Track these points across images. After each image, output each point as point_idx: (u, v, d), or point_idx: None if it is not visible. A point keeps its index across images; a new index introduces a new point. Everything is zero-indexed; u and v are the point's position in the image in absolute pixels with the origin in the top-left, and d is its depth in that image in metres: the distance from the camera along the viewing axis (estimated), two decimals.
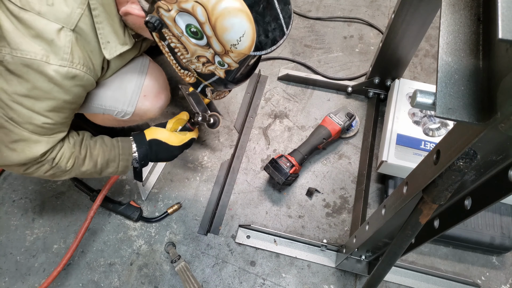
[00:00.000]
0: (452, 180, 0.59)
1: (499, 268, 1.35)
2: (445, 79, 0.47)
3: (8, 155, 0.93)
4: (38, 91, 0.87)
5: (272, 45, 0.87)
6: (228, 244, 1.38)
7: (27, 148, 0.92)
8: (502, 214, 1.30)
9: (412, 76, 1.78)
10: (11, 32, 0.81)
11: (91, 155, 1.05)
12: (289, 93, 1.73)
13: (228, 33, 0.81)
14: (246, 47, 0.84)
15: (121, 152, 1.09)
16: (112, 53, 0.95)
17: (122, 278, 1.32)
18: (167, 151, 1.16)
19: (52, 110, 0.91)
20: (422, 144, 1.33)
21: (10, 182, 1.50)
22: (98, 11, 0.89)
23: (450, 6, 0.52)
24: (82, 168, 1.04)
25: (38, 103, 0.88)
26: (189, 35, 0.85)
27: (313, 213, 1.45)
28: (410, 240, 0.74)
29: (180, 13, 0.82)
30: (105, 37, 0.93)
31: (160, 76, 1.17)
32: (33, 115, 0.89)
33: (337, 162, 1.55)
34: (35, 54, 0.83)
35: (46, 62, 0.84)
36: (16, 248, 1.37)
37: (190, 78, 1.00)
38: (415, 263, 1.36)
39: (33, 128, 0.91)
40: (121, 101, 1.07)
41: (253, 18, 0.80)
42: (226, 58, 0.88)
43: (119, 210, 1.40)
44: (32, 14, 0.81)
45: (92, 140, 1.07)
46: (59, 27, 0.84)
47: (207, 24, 0.81)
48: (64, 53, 0.85)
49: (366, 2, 2.02)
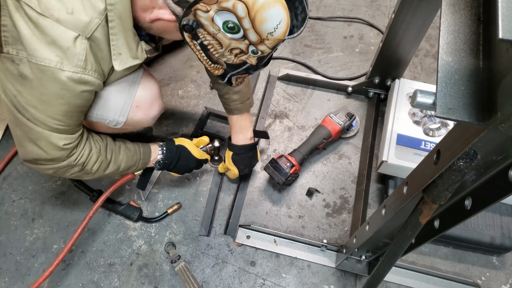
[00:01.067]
0: (452, 180, 0.58)
1: (499, 268, 1.35)
2: (445, 79, 0.47)
3: (34, 150, 0.97)
4: (51, 96, 0.89)
5: (301, 26, 0.90)
6: (228, 244, 1.38)
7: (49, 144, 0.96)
8: (502, 214, 1.30)
9: (412, 76, 1.78)
10: (28, 37, 0.82)
11: (115, 160, 1.12)
12: (289, 93, 1.73)
13: (267, 23, 0.83)
14: (282, 33, 0.86)
15: (142, 157, 1.20)
16: (122, 65, 0.96)
17: (122, 278, 1.32)
18: (187, 160, 1.29)
19: (65, 114, 0.93)
20: (422, 144, 1.33)
21: (10, 182, 1.50)
22: (115, 23, 0.90)
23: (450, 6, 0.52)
24: (106, 171, 1.11)
25: (50, 107, 0.90)
26: (226, 30, 0.86)
27: (313, 213, 1.45)
28: (410, 240, 0.74)
29: (219, 12, 0.83)
30: (118, 48, 0.94)
31: (153, 86, 1.17)
32: (47, 118, 0.92)
33: (337, 162, 1.55)
34: (50, 61, 0.84)
35: (60, 69, 0.85)
36: (16, 248, 1.37)
37: (218, 71, 1.02)
38: (415, 263, 1.36)
39: (50, 128, 0.94)
40: (113, 111, 1.07)
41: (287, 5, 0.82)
42: (261, 46, 0.90)
43: (119, 210, 1.40)
44: (51, 21, 0.82)
45: (116, 145, 1.14)
46: (76, 35, 0.85)
47: (246, 18, 0.82)
48: (79, 61, 0.87)
49: (366, 2, 2.02)
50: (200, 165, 1.35)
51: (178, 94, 1.70)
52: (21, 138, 0.96)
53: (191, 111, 1.66)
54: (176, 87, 1.72)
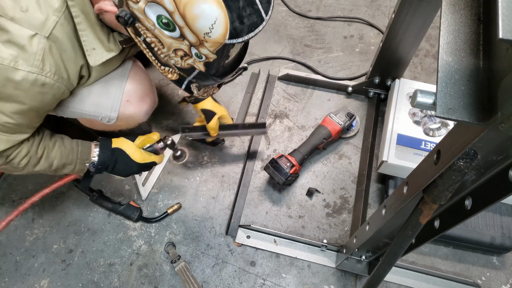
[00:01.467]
0: (452, 180, 0.58)
1: (499, 268, 1.35)
2: (445, 79, 0.47)
3: None
4: (3, 94, 0.86)
5: (249, 32, 0.82)
6: (228, 244, 1.38)
7: None
8: (503, 214, 1.30)
9: (412, 76, 1.78)
10: None
11: (47, 156, 1.03)
12: (289, 93, 1.73)
13: (199, 20, 0.78)
14: (220, 35, 0.79)
15: (79, 156, 1.08)
16: (97, 60, 0.94)
17: (122, 278, 1.32)
18: (126, 165, 1.14)
19: (17, 113, 0.90)
20: (423, 144, 1.33)
21: (10, 182, 1.50)
22: (80, 19, 0.88)
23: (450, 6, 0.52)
24: (36, 167, 1.03)
25: (2, 103, 0.87)
26: (161, 27, 0.82)
27: (313, 213, 1.44)
28: (410, 240, 0.74)
29: (148, 3, 0.79)
30: (90, 44, 0.91)
31: (144, 79, 1.14)
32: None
33: (337, 162, 1.55)
34: (3, 59, 0.82)
35: (14, 68, 0.83)
36: (16, 248, 1.37)
37: (172, 75, 0.96)
38: (415, 263, 1.35)
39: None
40: (103, 107, 1.05)
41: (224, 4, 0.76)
42: (202, 49, 0.85)
43: (119, 210, 1.40)
44: (5, 20, 0.80)
45: (51, 140, 1.05)
46: (32, 33, 0.83)
47: (176, 13, 0.78)
48: (35, 60, 0.84)
49: (366, 2, 2.02)
50: (144, 169, 1.19)
51: (178, 94, 1.70)
52: None
53: (191, 111, 1.66)
54: (176, 87, 1.72)
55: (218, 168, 1.53)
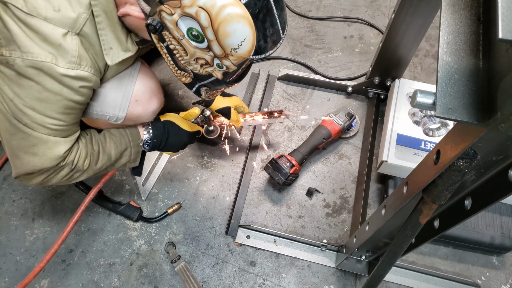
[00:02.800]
0: (452, 180, 0.58)
1: (499, 268, 1.35)
2: (445, 79, 0.47)
3: (30, 161, 0.94)
4: (49, 93, 0.88)
5: (270, 49, 0.90)
6: (228, 244, 1.38)
7: (48, 150, 0.94)
8: (502, 214, 1.30)
9: (412, 76, 1.78)
10: (20, 36, 0.82)
11: (104, 149, 1.08)
12: (289, 93, 1.73)
13: (230, 38, 0.83)
14: (246, 51, 0.86)
15: (131, 138, 1.13)
16: (114, 59, 0.96)
17: (122, 278, 1.32)
18: (178, 135, 1.23)
19: (63, 112, 0.93)
20: (422, 144, 1.33)
21: (10, 182, 1.49)
22: (101, 18, 0.90)
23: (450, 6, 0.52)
24: (98, 164, 1.07)
25: (49, 106, 0.90)
26: (190, 38, 0.86)
27: (313, 213, 1.45)
28: (410, 240, 0.74)
29: (182, 17, 0.83)
30: (108, 43, 0.94)
31: (151, 79, 1.16)
32: (46, 119, 0.91)
33: (337, 162, 1.55)
34: (45, 57, 0.84)
35: (55, 65, 0.85)
36: (16, 248, 1.37)
37: (186, 79, 1.01)
38: (415, 263, 1.36)
39: (48, 132, 0.93)
40: (112, 106, 1.07)
41: (254, 24, 0.82)
42: (225, 61, 0.90)
43: (119, 210, 1.40)
44: (39, 20, 0.83)
45: (101, 135, 1.10)
46: (64, 31, 0.85)
47: (209, 28, 0.82)
48: (72, 56, 0.87)
49: (366, 2, 2.02)
50: (193, 138, 1.29)
51: (178, 94, 1.70)
52: (16, 149, 0.94)
53: None
54: (176, 87, 1.72)
55: (218, 168, 1.53)
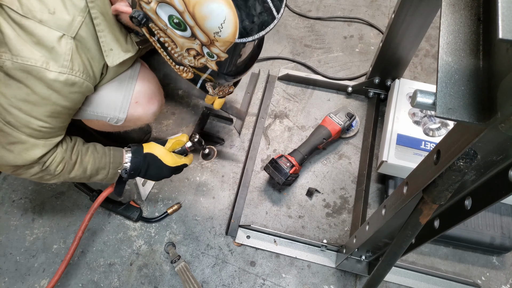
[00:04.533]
0: (452, 180, 0.58)
1: (499, 268, 1.35)
2: (445, 79, 0.47)
3: (5, 156, 0.93)
4: (37, 96, 0.87)
5: (260, 30, 0.82)
6: (228, 244, 1.38)
7: (24, 151, 0.93)
8: (502, 214, 1.30)
9: (412, 76, 1.78)
10: (12, 38, 0.82)
11: (81, 161, 1.04)
12: (289, 93, 1.73)
13: (208, 20, 0.79)
14: (229, 34, 0.80)
15: (112, 160, 1.08)
16: (114, 60, 0.96)
17: (122, 278, 1.32)
18: (158, 169, 1.13)
19: (50, 115, 0.92)
20: (422, 144, 1.33)
21: (10, 182, 1.49)
22: (99, 20, 0.90)
23: (450, 6, 0.52)
24: (71, 174, 1.03)
25: (36, 108, 0.89)
26: (173, 26, 0.84)
27: (313, 213, 1.45)
28: (410, 240, 0.74)
29: (160, 4, 0.81)
30: (108, 44, 0.93)
31: (151, 81, 1.16)
32: (31, 119, 0.89)
33: (337, 162, 1.55)
34: (36, 61, 0.84)
35: (46, 69, 0.85)
36: (16, 248, 1.37)
37: (187, 74, 0.99)
38: (415, 263, 1.36)
39: (30, 132, 0.91)
40: (112, 108, 1.07)
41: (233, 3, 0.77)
42: (213, 48, 0.86)
43: (119, 210, 1.40)
44: (34, 22, 0.82)
45: (84, 146, 1.06)
46: (60, 34, 0.85)
47: (186, 13, 0.80)
48: (64, 60, 0.86)
49: (366, 2, 2.02)
50: (176, 171, 1.19)
51: (178, 94, 1.70)
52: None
53: (191, 111, 1.66)
54: (176, 87, 1.72)
55: (218, 168, 1.53)
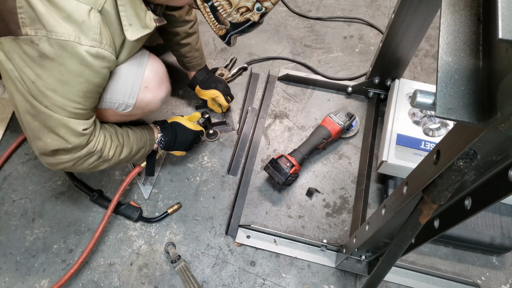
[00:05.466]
0: (452, 180, 0.58)
1: (499, 268, 1.35)
2: (445, 79, 0.47)
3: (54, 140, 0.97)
4: (71, 74, 0.89)
5: None
6: (228, 244, 1.38)
7: (69, 131, 0.96)
8: (502, 214, 1.30)
9: (412, 76, 1.78)
10: (45, 14, 0.83)
11: (127, 142, 1.15)
12: (289, 93, 1.73)
13: None
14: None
15: (149, 137, 1.24)
16: (134, 35, 0.98)
17: (122, 278, 1.32)
18: (185, 133, 1.33)
19: (84, 95, 0.94)
20: (422, 144, 1.33)
21: (10, 182, 1.50)
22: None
23: (450, 6, 0.52)
24: (121, 156, 1.14)
25: (70, 88, 0.91)
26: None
27: (313, 213, 1.45)
28: (410, 240, 0.74)
29: None
30: (128, 19, 0.95)
31: (160, 67, 1.18)
32: (66, 101, 0.92)
33: (337, 162, 1.55)
34: (69, 35, 0.85)
35: (78, 43, 0.86)
36: (16, 248, 1.37)
37: (221, 31, 1.07)
38: (415, 263, 1.36)
39: (68, 114, 0.94)
40: (122, 93, 1.07)
41: None
42: (266, 3, 0.95)
43: (119, 210, 1.40)
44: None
45: (123, 129, 1.17)
46: (88, 8, 0.86)
47: None
48: (94, 34, 0.88)
49: (366, 2, 2.02)
50: (198, 138, 1.40)
51: (178, 94, 1.70)
52: (38, 130, 0.96)
53: (191, 111, 1.66)
54: (176, 87, 1.72)
55: (218, 168, 1.53)
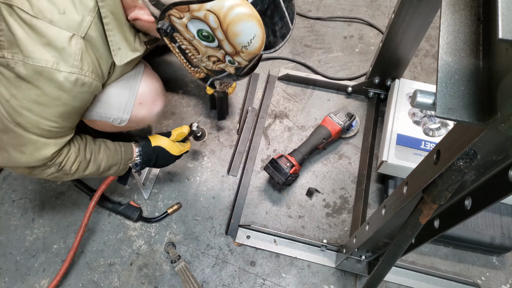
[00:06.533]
0: (452, 180, 0.58)
1: (499, 268, 1.35)
2: (445, 79, 0.47)
3: (17, 157, 0.94)
4: (47, 97, 0.88)
5: (280, 42, 0.91)
6: (228, 244, 1.38)
7: (36, 151, 0.94)
8: (502, 214, 1.30)
9: (412, 76, 1.78)
10: (24, 39, 0.82)
11: (95, 159, 1.08)
12: (289, 93, 1.73)
13: (240, 37, 0.84)
14: (256, 47, 0.87)
15: (123, 157, 1.15)
16: (122, 59, 0.97)
17: (122, 278, 1.32)
18: (166, 159, 1.25)
19: (60, 116, 0.93)
20: (422, 144, 1.33)
21: (10, 182, 1.49)
22: (109, 19, 0.91)
23: (450, 6, 0.52)
24: (86, 171, 1.07)
25: (46, 109, 0.90)
26: (201, 38, 0.88)
27: (313, 213, 1.45)
28: (410, 240, 0.74)
29: (191, 20, 0.85)
30: (116, 44, 0.94)
31: (155, 81, 1.17)
32: (41, 120, 0.90)
33: (337, 162, 1.55)
34: (46, 62, 0.84)
35: (57, 70, 0.85)
36: (16, 248, 1.37)
37: (199, 74, 1.05)
38: (415, 263, 1.36)
39: (40, 132, 0.92)
40: (116, 109, 1.07)
41: (263, 21, 0.83)
42: (237, 58, 0.92)
43: (119, 210, 1.40)
44: (44, 23, 0.83)
45: (95, 144, 1.10)
46: (70, 34, 0.86)
47: (218, 29, 0.84)
48: (74, 60, 0.87)
49: (366, 2, 2.02)
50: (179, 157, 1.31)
51: (178, 94, 1.70)
52: (6, 143, 0.94)
53: (191, 111, 1.66)
54: (176, 87, 1.72)
55: (218, 168, 1.53)
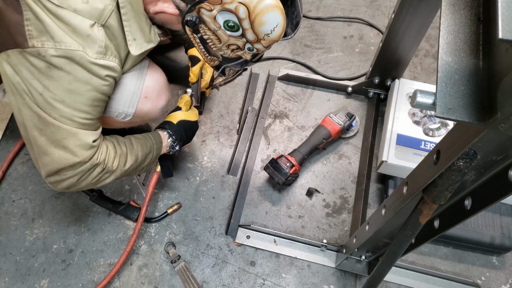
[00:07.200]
0: (452, 180, 0.58)
1: (499, 268, 1.35)
2: (445, 79, 0.47)
3: (61, 155, 0.95)
4: (79, 82, 0.90)
5: (295, 29, 0.99)
6: (228, 244, 1.38)
7: (78, 142, 0.95)
8: (502, 214, 1.30)
9: (412, 76, 1.78)
10: (52, 26, 0.85)
11: (131, 150, 1.11)
12: (289, 93, 1.73)
13: (265, 26, 0.90)
14: (277, 35, 0.93)
15: (155, 141, 1.18)
16: (137, 49, 0.99)
17: (122, 278, 1.32)
18: (192, 128, 1.31)
19: (91, 104, 0.95)
20: (422, 144, 1.33)
21: (10, 182, 1.49)
22: (126, 9, 0.93)
23: (450, 6, 0.52)
24: (126, 165, 1.09)
25: (78, 97, 0.92)
26: (226, 28, 0.93)
27: (313, 213, 1.45)
28: (410, 240, 0.74)
29: (221, 11, 0.89)
30: (132, 34, 0.97)
31: (160, 76, 1.18)
32: (74, 112, 0.92)
33: (337, 162, 1.55)
34: (78, 46, 0.87)
35: (86, 53, 0.88)
36: (16, 248, 1.37)
37: (214, 62, 1.08)
38: (415, 263, 1.36)
39: (76, 125, 0.94)
40: (122, 102, 1.08)
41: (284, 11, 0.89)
42: (257, 45, 0.96)
43: (119, 210, 1.40)
44: (69, 12, 0.85)
45: (125, 138, 1.14)
46: (92, 23, 0.88)
47: (246, 20, 0.89)
48: (99, 47, 0.90)
49: (366, 2, 2.02)
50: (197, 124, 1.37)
51: (178, 94, 1.70)
52: (45, 145, 0.94)
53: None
54: (176, 87, 1.72)
55: (218, 168, 1.53)
